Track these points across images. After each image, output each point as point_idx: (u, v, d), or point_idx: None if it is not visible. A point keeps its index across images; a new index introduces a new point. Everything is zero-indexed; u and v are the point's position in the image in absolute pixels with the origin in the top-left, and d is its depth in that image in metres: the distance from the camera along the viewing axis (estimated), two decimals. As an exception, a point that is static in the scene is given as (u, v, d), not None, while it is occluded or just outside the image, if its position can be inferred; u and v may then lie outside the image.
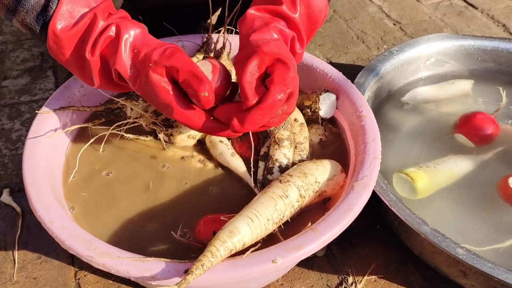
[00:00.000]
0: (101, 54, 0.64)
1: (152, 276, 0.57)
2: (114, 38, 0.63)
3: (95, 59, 0.63)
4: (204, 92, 0.60)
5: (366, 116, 0.78)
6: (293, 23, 0.68)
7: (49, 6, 0.63)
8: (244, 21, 0.68)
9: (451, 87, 1.07)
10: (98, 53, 0.63)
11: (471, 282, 0.74)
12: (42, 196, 0.66)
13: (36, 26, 0.63)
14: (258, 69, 0.62)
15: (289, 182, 0.68)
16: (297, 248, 0.60)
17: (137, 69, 0.62)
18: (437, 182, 0.89)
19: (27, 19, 0.63)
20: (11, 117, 1.10)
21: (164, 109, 0.63)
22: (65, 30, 0.63)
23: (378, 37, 1.44)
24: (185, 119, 0.63)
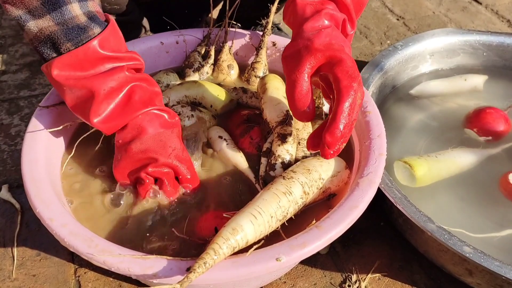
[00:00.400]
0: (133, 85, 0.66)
1: (153, 274, 0.56)
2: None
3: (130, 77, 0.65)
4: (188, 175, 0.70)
5: (371, 111, 0.77)
6: (343, 5, 0.68)
7: (90, 29, 0.64)
8: (295, 8, 0.67)
9: (463, 82, 1.06)
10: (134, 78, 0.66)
11: (477, 280, 0.73)
12: (41, 192, 0.65)
13: (64, 39, 0.62)
14: (311, 69, 0.63)
15: (293, 179, 0.66)
16: (301, 246, 0.59)
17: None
18: (438, 171, 0.88)
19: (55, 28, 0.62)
20: (10, 112, 1.08)
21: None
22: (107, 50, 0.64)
23: (381, 32, 1.42)
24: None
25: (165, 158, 0.67)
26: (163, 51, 0.94)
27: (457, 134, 0.97)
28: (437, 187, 0.88)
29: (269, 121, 0.76)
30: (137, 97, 0.65)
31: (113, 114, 0.65)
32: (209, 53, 0.95)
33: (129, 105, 0.65)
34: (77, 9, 0.63)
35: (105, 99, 0.64)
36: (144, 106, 0.66)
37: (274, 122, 0.75)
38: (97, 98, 0.64)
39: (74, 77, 0.64)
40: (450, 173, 0.89)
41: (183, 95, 0.85)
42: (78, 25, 0.63)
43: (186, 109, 0.81)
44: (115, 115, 0.65)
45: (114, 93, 0.64)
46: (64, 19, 0.62)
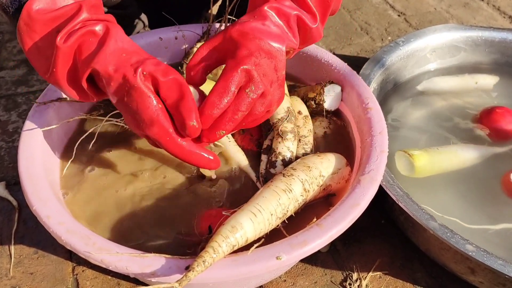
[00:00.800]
0: (76, 47, 0.58)
1: (152, 273, 0.55)
2: (102, 35, 0.58)
3: (66, 48, 0.57)
4: (192, 122, 0.57)
5: (373, 108, 0.76)
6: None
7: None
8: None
9: (471, 81, 1.05)
10: (72, 43, 0.57)
11: (479, 279, 0.72)
12: (38, 189, 0.64)
13: (10, 7, 0.59)
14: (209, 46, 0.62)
15: (293, 176, 0.66)
16: (302, 244, 0.58)
17: (122, 74, 0.57)
18: (439, 163, 0.87)
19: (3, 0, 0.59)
20: (7, 109, 1.07)
21: (142, 124, 0.58)
22: (41, 13, 0.58)
23: (382, 29, 1.41)
24: (165, 137, 0.58)
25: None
26: (162, 47, 0.93)
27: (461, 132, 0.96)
28: (437, 180, 0.87)
29: (269, 118, 0.75)
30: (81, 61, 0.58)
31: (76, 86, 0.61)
32: (208, 49, 0.94)
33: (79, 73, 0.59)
34: None
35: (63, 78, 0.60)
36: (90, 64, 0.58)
37: (274, 119, 0.74)
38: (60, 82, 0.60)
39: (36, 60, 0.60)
40: (452, 167, 0.88)
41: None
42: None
43: None
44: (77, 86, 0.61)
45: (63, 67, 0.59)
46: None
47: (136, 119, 0.58)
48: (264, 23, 0.62)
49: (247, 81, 0.59)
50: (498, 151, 0.92)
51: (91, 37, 0.58)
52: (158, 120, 0.57)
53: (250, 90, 0.58)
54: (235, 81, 0.58)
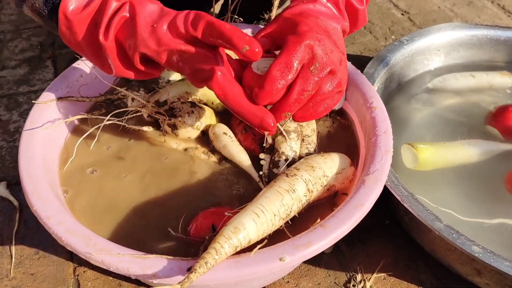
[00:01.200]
0: (116, 38, 0.58)
1: (153, 274, 0.54)
2: (131, 17, 0.57)
3: (109, 44, 0.58)
4: (245, 47, 0.53)
5: (377, 107, 0.75)
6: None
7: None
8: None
9: (484, 79, 1.04)
10: (113, 36, 0.58)
11: (485, 280, 0.71)
12: (38, 189, 0.63)
13: (45, 9, 0.59)
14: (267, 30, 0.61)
15: (296, 176, 0.65)
16: (305, 246, 0.57)
17: (165, 46, 0.56)
18: (443, 156, 0.86)
19: (36, 3, 0.59)
20: (9, 108, 1.07)
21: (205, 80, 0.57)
22: (76, 13, 0.58)
23: (385, 28, 1.40)
24: (226, 84, 0.57)
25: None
26: (164, 46, 0.92)
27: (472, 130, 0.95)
28: (439, 173, 0.87)
29: (272, 117, 0.74)
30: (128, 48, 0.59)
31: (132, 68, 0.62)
32: (211, 47, 0.93)
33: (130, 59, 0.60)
34: None
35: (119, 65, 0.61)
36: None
37: (277, 118, 0.73)
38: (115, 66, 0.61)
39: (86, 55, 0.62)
40: (457, 161, 0.88)
41: (184, 92, 0.83)
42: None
43: (186, 105, 0.78)
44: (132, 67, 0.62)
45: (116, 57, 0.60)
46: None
47: (198, 77, 0.58)
48: (315, 5, 0.61)
49: (310, 58, 0.56)
50: (508, 148, 0.90)
51: (125, 23, 0.58)
52: (216, 77, 0.56)
53: (314, 68, 0.56)
54: (297, 56, 0.55)
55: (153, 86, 0.85)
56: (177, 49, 0.57)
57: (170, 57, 0.58)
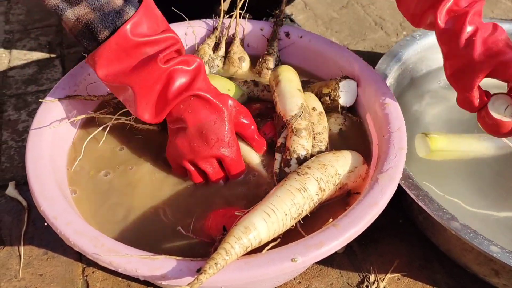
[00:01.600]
0: (170, 71, 0.63)
1: (162, 275, 0.53)
2: (195, 68, 0.64)
3: (163, 69, 0.62)
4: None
5: (390, 104, 0.73)
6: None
7: (125, 12, 0.60)
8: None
9: None
10: (170, 66, 0.62)
11: (504, 281, 0.69)
12: (46, 189, 0.62)
13: (101, 26, 0.60)
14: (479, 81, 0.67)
15: (308, 174, 0.63)
16: (318, 246, 0.55)
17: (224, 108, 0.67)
18: (456, 147, 0.86)
19: (91, 15, 0.59)
20: (17, 108, 1.06)
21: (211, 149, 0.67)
22: (139, 36, 0.61)
23: (397, 23, 1.38)
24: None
25: (207, 151, 0.66)
26: (172, 43, 0.91)
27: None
28: (451, 164, 0.86)
29: (282, 115, 0.72)
30: (175, 85, 0.63)
31: (155, 107, 0.64)
32: (219, 45, 0.92)
33: (167, 95, 0.63)
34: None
35: (145, 95, 0.62)
36: (184, 92, 0.63)
37: (288, 115, 0.71)
38: (138, 95, 0.62)
39: (113, 73, 0.62)
40: (471, 153, 0.86)
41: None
42: (114, 9, 0.59)
43: None
44: (158, 108, 0.64)
45: (152, 87, 0.62)
46: (100, 3, 0.59)
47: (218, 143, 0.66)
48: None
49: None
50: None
51: (186, 66, 0.63)
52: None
53: None
54: None
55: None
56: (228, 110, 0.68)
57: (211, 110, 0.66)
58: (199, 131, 0.65)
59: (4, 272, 0.76)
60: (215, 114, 0.66)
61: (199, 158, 0.67)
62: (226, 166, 0.69)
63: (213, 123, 0.65)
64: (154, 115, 0.65)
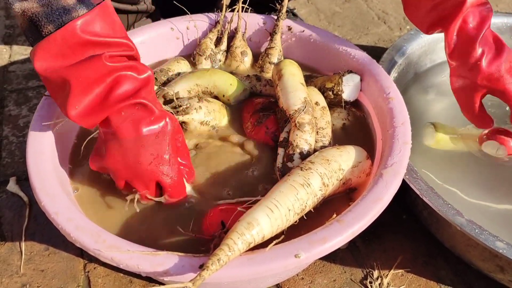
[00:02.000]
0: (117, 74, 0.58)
1: (164, 272, 0.53)
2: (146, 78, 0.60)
3: (109, 68, 0.56)
4: None
5: (394, 98, 0.73)
6: None
7: (74, 10, 0.57)
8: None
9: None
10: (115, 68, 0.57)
11: (509, 277, 0.68)
12: (47, 185, 0.62)
13: (45, 20, 0.56)
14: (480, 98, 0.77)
15: (311, 170, 0.62)
16: (321, 242, 0.55)
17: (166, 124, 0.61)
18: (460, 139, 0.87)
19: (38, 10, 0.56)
20: (18, 103, 1.06)
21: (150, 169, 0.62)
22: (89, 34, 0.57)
23: (400, 17, 1.37)
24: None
25: (144, 168, 0.61)
26: (174, 37, 0.90)
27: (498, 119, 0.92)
28: (455, 155, 0.87)
29: (285, 109, 0.72)
30: (120, 90, 0.58)
31: (90, 108, 0.58)
32: (221, 39, 0.91)
33: (109, 98, 0.57)
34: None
35: (82, 91, 0.57)
36: (127, 99, 0.58)
37: (291, 110, 0.70)
38: (73, 90, 0.57)
39: (53, 68, 0.57)
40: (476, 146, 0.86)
41: (194, 84, 0.81)
42: (64, 6, 0.56)
43: (193, 101, 0.76)
44: (92, 109, 0.58)
45: (92, 84, 0.57)
46: (49, 0, 0.56)
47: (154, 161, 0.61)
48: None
49: None
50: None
51: (135, 72, 0.59)
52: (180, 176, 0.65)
53: None
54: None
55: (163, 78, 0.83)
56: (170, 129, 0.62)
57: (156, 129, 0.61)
58: (138, 145, 0.60)
59: (6, 268, 0.76)
60: (159, 128, 0.60)
61: (134, 176, 0.62)
62: (165, 188, 0.64)
63: (155, 137, 0.60)
64: (83, 116, 0.58)
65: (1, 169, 0.91)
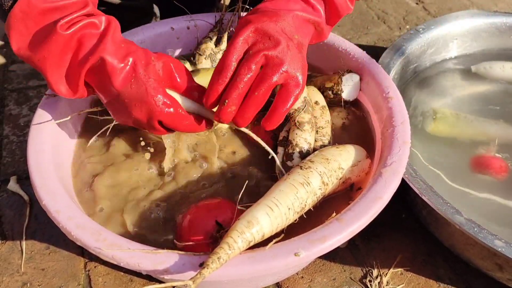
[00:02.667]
0: (77, 37, 0.57)
1: (165, 270, 0.53)
2: (104, 27, 0.58)
3: (65, 36, 0.56)
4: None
5: (393, 97, 0.73)
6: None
7: None
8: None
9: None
10: (73, 32, 0.56)
11: (507, 276, 0.68)
12: (47, 183, 0.62)
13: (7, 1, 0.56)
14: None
15: (311, 169, 0.63)
16: (321, 240, 0.55)
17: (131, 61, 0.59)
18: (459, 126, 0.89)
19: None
20: (18, 102, 1.06)
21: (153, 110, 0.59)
22: (41, 1, 0.56)
23: (400, 17, 1.37)
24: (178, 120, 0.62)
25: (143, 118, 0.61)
26: (174, 37, 0.90)
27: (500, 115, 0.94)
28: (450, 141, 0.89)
29: (285, 108, 0.72)
30: (83, 51, 0.57)
31: (70, 77, 0.58)
32: (221, 39, 0.91)
33: (75, 64, 0.57)
34: None
35: (55, 66, 0.57)
36: (89, 56, 0.57)
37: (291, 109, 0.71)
38: (48, 68, 0.57)
39: (24, 47, 0.57)
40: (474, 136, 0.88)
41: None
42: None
43: None
44: (71, 78, 0.58)
45: (59, 58, 0.57)
46: None
47: (142, 108, 0.59)
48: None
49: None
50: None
51: (93, 29, 0.58)
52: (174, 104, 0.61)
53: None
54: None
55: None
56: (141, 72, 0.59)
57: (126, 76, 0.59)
58: (122, 100, 0.59)
59: (6, 267, 0.76)
60: (128, 78, 0.59)
61: (138, 125, 0.62)
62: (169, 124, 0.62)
63: (130, 87, 0.58)
64: (69, 88, 0.59)
65: (2, 168, 0.92)
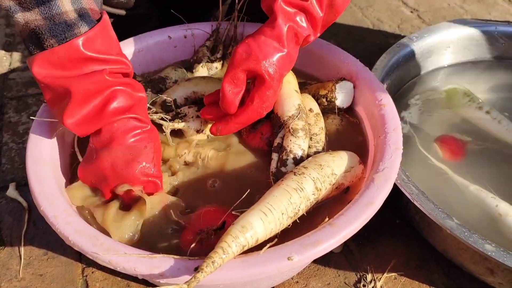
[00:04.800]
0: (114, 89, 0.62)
1: (160, 274, 0.54)
2: (138, 97, 0.65)
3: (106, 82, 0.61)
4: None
5: (386, 104, 0.74)
6: (314, 19, 0.68)
7: (76, 26, 0.60)
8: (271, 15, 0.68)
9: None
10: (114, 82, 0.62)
11: (499, 280, 0.69)
12: (45, 189, 0.63)
13: (48, 34, 0.59)
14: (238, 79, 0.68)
15: (304, 174, 0.64)
16: (314, 245, 0.56)
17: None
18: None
19: (41, 22, 0.59)
20: (18, 110, 1.07)
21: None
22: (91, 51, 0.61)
23: (395, 26, 1.39)
24: None
25: (130, 174, 0.64)
26: (171, 46, 0.92)
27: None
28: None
29: (280, 116, 0.73)
30: (115, 103, 0.63)
31: (87, 118, 0.62)
32: (218, 47, 0.93)
33: (105, 111, 0.62)
34: (68, 5, 0.60)
35: (81, 102, 0.61)
36: (121, 113, 0.64)
37: (285, 116, 0.72)
38: (73, 100, 0.61)
39: (53, 76, 0.61)
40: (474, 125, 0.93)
41: (191, 91, 0.82)
42: (66, 21, 0.60)
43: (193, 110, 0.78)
44: (88, 119, 0.62)
45: (91, 96, 0.61)
46: (51, 13, 0.59)
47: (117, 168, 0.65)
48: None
49: None
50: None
51: (131, 89, 0.64)
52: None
53: None
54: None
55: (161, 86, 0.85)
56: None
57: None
58: (128, 152, 0.64)
59: (5, 272, 0.77)
60: (148, 139, 0.66)
61: (122, 181, 0.65)
62: (145, 189, 0.67)
63: (143, 148, 0.65)
64: (79, 125, 0.63)
65: (1, 175, 0.93)
